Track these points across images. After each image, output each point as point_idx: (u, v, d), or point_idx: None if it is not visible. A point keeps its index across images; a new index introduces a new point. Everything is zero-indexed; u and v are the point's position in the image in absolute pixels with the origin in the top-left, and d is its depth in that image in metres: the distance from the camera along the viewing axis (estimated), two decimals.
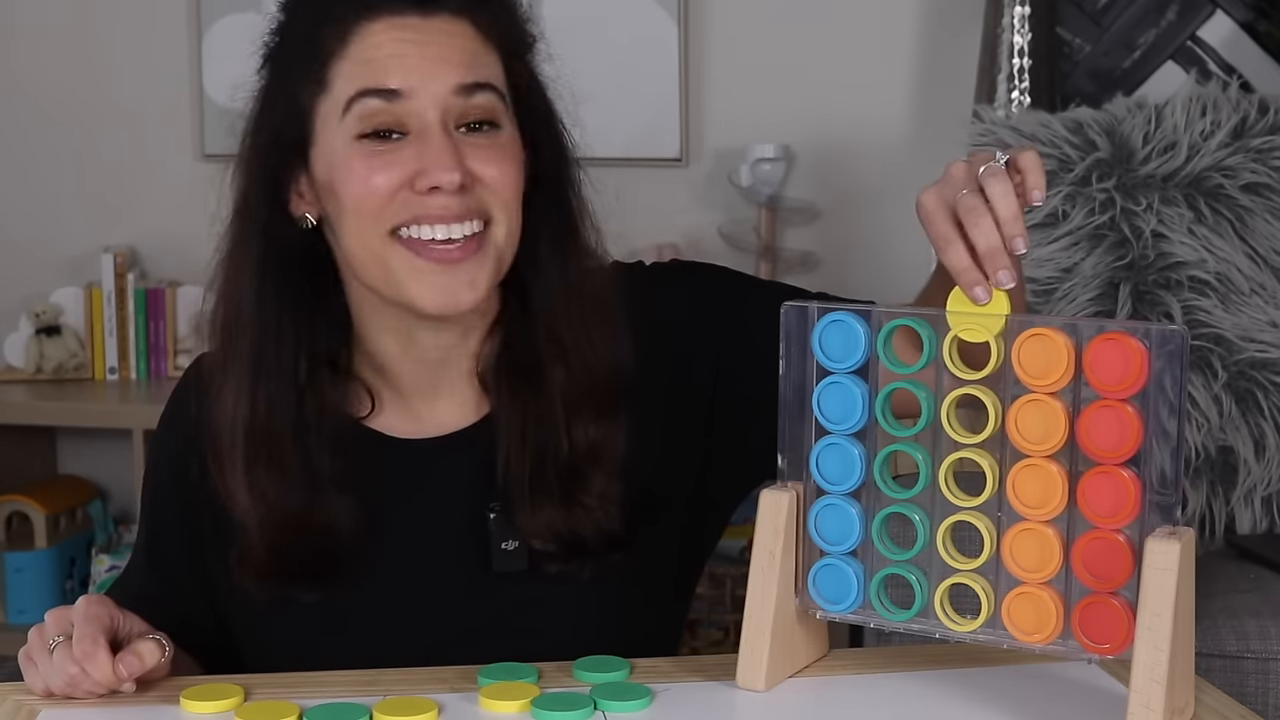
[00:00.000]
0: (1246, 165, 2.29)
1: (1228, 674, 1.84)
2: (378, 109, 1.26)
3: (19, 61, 3.20)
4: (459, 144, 1.27)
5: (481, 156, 1.28)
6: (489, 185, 1.29)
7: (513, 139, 1.32)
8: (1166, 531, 1.10)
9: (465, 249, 1.28)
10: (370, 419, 1.38)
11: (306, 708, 1.18)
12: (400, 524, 1.37)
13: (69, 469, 3.24)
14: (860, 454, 1.20)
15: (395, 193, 1.27)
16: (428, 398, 1.38)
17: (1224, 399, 2.19)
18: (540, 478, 1.33)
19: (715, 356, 1.39)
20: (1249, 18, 2.80)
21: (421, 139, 1.27)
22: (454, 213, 1.27)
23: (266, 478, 1.32)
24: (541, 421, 1.34)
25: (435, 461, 1.38)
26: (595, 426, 1.34)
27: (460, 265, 1.28)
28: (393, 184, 1.27)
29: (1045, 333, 1.12)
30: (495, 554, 1.35)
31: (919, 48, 2.95)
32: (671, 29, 2.99)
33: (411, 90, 1.26)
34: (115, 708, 1.22)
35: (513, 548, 1.34)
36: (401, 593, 1.37)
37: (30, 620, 2.99)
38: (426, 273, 1.28)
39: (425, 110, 1.27)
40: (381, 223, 1.28)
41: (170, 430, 1.44)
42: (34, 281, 3.19)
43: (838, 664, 1.29)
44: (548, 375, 1.34)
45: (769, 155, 2.87)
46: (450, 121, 1.28)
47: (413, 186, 1.27)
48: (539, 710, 1.17)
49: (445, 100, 1.27)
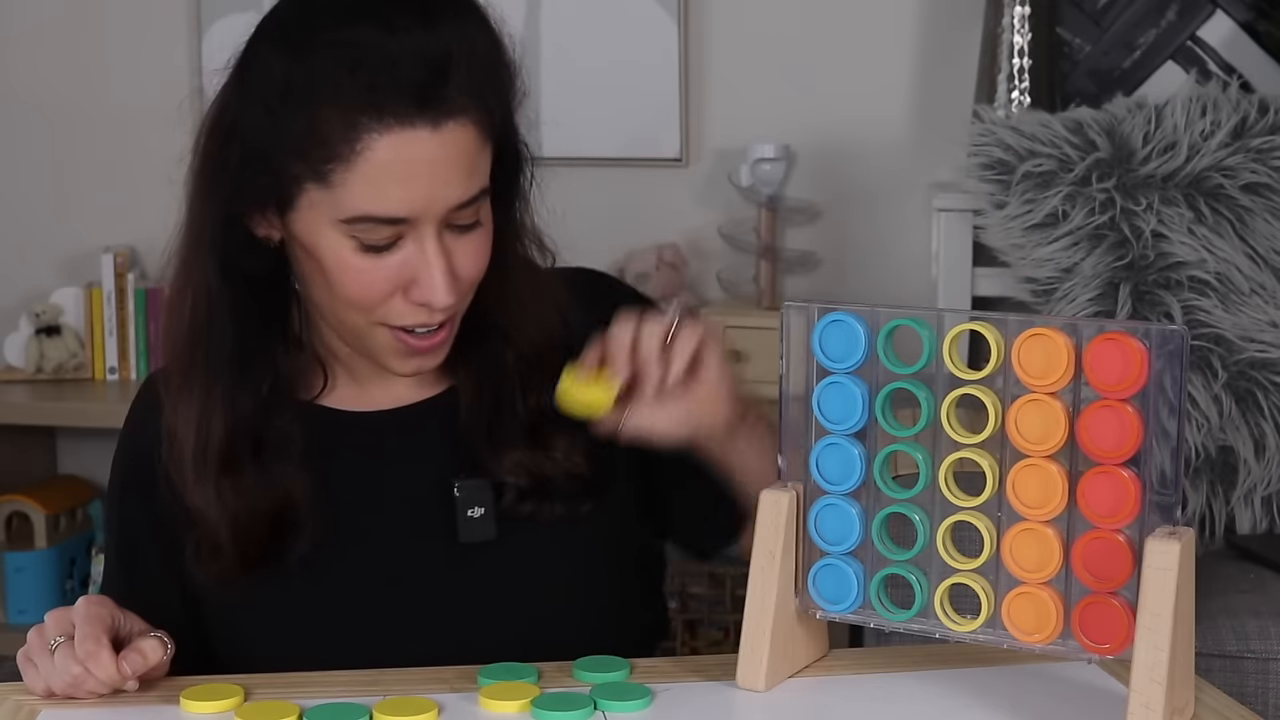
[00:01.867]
0: (1246, 165, 2.28)
1: (1228, 674, 1.84)
2: (379, 230, 1.26)
3: (18, 61, 3.20)
4: (448, 252, 1.29)
5: (464, 258, 1.31)
6: (466, 279, 1.31)
7: (489, 216, 1.33)
8: (1166, 531, 1.10)
9: (440, 336, 1.33)
10: (324, 396, 1.40)
11: (306, 708, 1.18)
12: (363, 498, 1.39)
13: (69, 469, 3.24)
14: (860, 454, 1.20)
15: (389, 298, 1.29)
16: (380, 376, 1.40)
17: (1224, 399, 2.19)
18: (502, 425, 1.37)
19: None
20: (1249, 18, 2.80)
21: (419, 253, 1.27)
22: (440, 319, 1.32)
23: (227, 482, 1.34)
24: (499, 382, 1.38)
25: (395, 434, 1.40)
26: (548, 392, 1.35)
27: (434, 352, 1.34)
28: (389, 291, 1.29)
29: (1045, 333, 1.12)
30: (461, 523, 1.36)
31: (919, 48, 2.95)
32: (671, 29, 2.98)
33: (414, 217, 1.26)
34: (115, 708, 1.22)
35: (479, 515, 1.36)
36: (369, 566, 1.38)
37: (30, 620, 2.99)
38: (405, 353, 1.33)
39: (424, 226, 1.27)
40: (374, 317, 1.31)
41: (133, 442, 1.44)
42: (34, 281, 3.19)
43: (838, 664, 1.29)
44: (499, 350, 1.38)
45: (769, 155, 2.87)
46: (443, 228, 1.29)
47: (406, 294, 1.29)
48: (539, 710, 1.17)
49: (444, 216, 1.28)
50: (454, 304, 1.30)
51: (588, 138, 2.97)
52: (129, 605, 1.37)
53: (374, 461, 1.40)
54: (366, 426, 1.41)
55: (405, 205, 1.25)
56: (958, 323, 1.17)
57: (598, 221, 2.85)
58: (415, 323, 1.31)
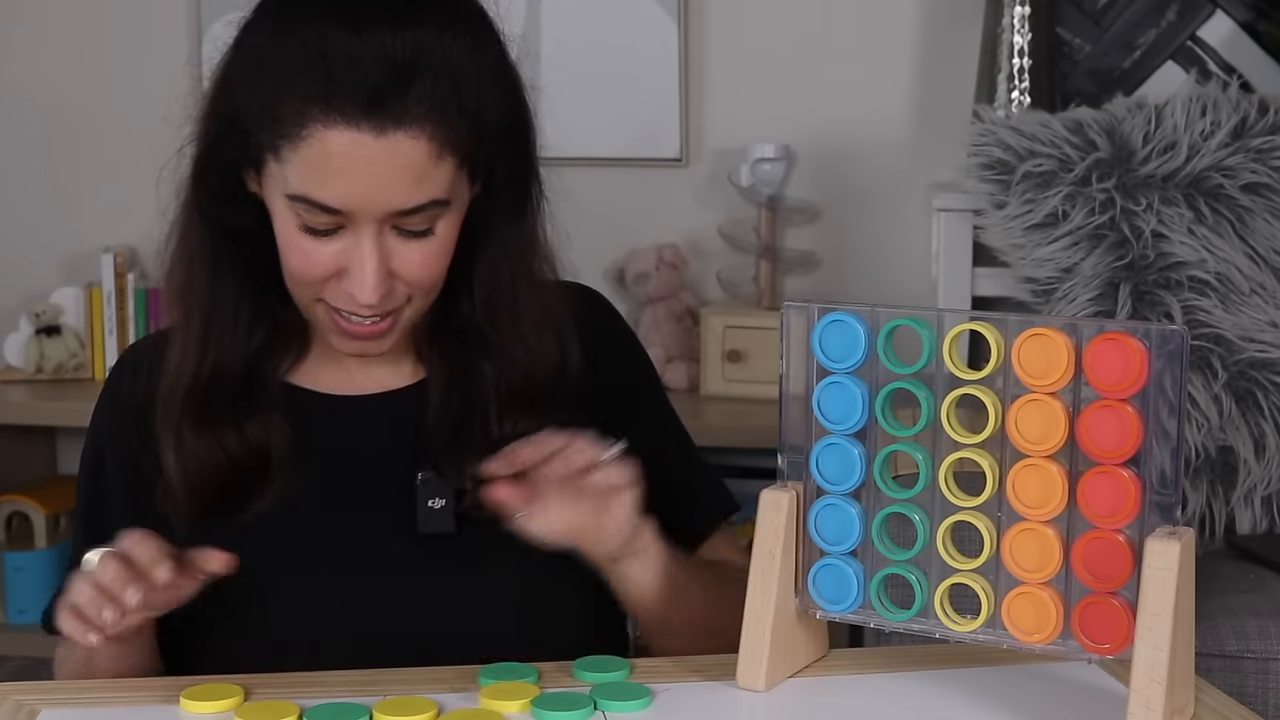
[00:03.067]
0: (1246, 165, 2.28)
1: (1228, 674, 1.84)
2: (317, 215, 1.29)
3: (19, 61, 3.20)
4: (387, 250, 1.31)
5: (408, 263, 1.32)
6: (409, 282, 1.33)
7: (451, 225, 1.34)
8: (1166, 531, 1.10)
9: (379, 327, 1.35)
10: (302, 375, 1.43)
11: (306, 708, 1.18)
12: (327, 476, 1.40)
13: (69, 469, 3.24)
14: (860, 454, 1.20)
15: (325, 280, 1.33)
16: (362, 361, 1.42)
17: (1224, 399, 2.19)
18: (469, 433, 1.38)
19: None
20: (1249, 18, 2.80)
21: (353, 245, 1.30)
22: (370, 312, 1.33)
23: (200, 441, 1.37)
24: (470, 388, 1.40)
25: (365, 419, 1.42)
26: (527, 420, 1.38)
27: (373, 341, 1.36)
28: (325, 274, 1.32)
29: (1045, 333, 1.12)
30: (421, 513, 1.37)
31: (919, 48, 2.95)
32: (671, 29, 2.98)
33: (350, 212, 1.29)
34: (115, 708, 1.22)
35: (439, 506, 1.37)
36: (324, 543, 1.38)
37: (30, 620, 2.99)
38: (344, 335, 1.36)
39: (360, 222, 1.30)
40: (311, 293, 1.35)
41: (109, 404, 1.47)
42: (34, 281, 3.19)
43: (838, 664, 1.29)
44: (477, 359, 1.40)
45: (769, 155, 2.87)
46: (385, 226, 1.30)
47: (340, 279, 1.32)
48: (539, 710, 1.17)
49: (382, 218, 1.30)
50: (380, 303, 1.32)
51: (587, 138, 2.97)
52: None
53: (341, 443, 1.41)
54: (339, 409, 1.42)
55: (340, 198, 1.28)
56: (958, 323, 1.17)
57: (598, 221, 2.85)
58: (348, 309, 1.34)
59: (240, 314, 1.39)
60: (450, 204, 1.32)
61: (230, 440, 1.37)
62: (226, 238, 1.38)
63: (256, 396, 1.39)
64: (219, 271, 1.38)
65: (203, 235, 1.38)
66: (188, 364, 1.38)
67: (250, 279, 1.39)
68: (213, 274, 1.38)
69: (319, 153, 1.26)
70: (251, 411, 1.39)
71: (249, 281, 1.39)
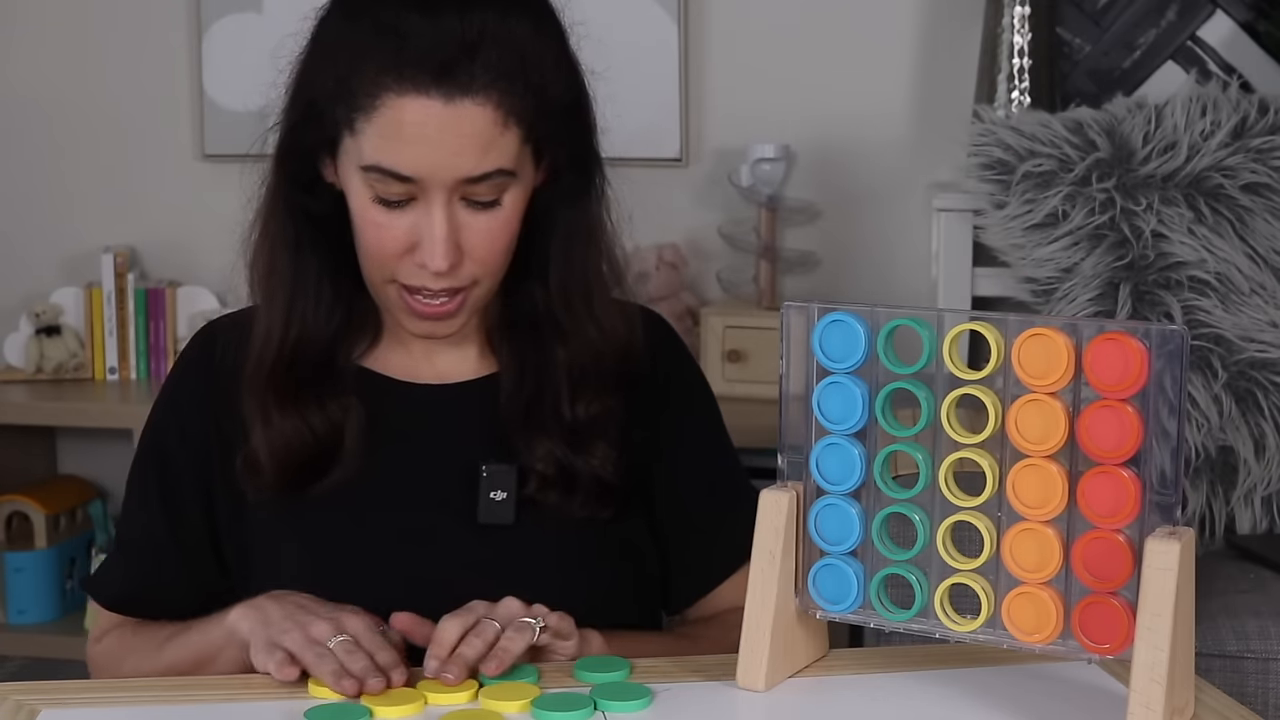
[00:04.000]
0: (1246, 165, 2.28)
1: (1228, 674, 1.84)
2: (389, 184, 1.35)
3: (19, 61, 3.20)
4: (457, 222, 1.36)
5: (476, 234, 1.38)
6: (477, 260, 1.38)
7: (518, 200, 1.39)
8: (1166, 531, 1.10)
9: (448, 305, 1.40)
10: (371, 357, 1.47)
11: (307, 708, 1.18)
12: (394, 462, 1.43)
13: (69, 469, 3.24)
14: (860, 454, 1.20)
15: (398, 256, 1.38)
16: (426, 347, 1.47)
17: (1224, 399, 2.19)
18: (541, 414, 1.43)
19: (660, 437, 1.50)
20: (1249, 18, 2.80)
21: (425, 215, 1.36)
22: (440, 286, 1.39)
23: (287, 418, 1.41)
24: (544, 374, 1.44)
25: (435, 408, 1.46)
26: (597, 402, 1.43)
27: (442, 321, 1.42)
28: (397, 250, 1.38)
29: (1045, 333, 1.12)
30: (483, 503, 1.41)
31: (919, 48, 2.95)
32: (671, 29, 2.98)
33: (421, 179, 1.34)
34: (115, 708, 1.22)
35: (501, 499, 1.41)
36: (390, 527, 1.42)
37: (30, 620, 3.00)
38: (414, 315, 1.41)
39: (431, 191, 1.35)
40: (384, 273, 1.40)
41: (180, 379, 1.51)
42: (34, 281, 3.19)
43: (838, 664, 1.29)
44: (551, 345, 1.44)
45: (769, 155, 2.87)
46: (455, 197, 1.36)
47: (412, 254, 1.37)
48: (539, 710, 1.17)
49: (451, 187, 1.35)
50: (451, 272, 1.37)
51: None
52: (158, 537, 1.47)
53: (409, 431, 1.45)
54: (408, 396, 1.46)
55: (411, 165, 1.33)
56: (958, 323, 1.17)
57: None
58: (420, 284, 1.38)
59: (321, 294, 1.44)
60: (516, 176, 1.37)
61: (315, 418, 1.42)
62: (307, 223, 1.43)
63: (335, 379, 1.44)
64: (301, 254, 1.43)
65: (285, 221, 1.43)
66: (273, 341, 1.42)
67: (330, 262, 1.44)
68: (295, 256, 1.43)
69: (392, 121, 1.33)
70: (332, 392, 1.43)
71: (329, 264, 1.44)
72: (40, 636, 2.97)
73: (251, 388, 1.42)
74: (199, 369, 1.49)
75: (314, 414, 1.42)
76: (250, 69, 3.01)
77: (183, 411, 1.49)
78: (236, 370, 1.44)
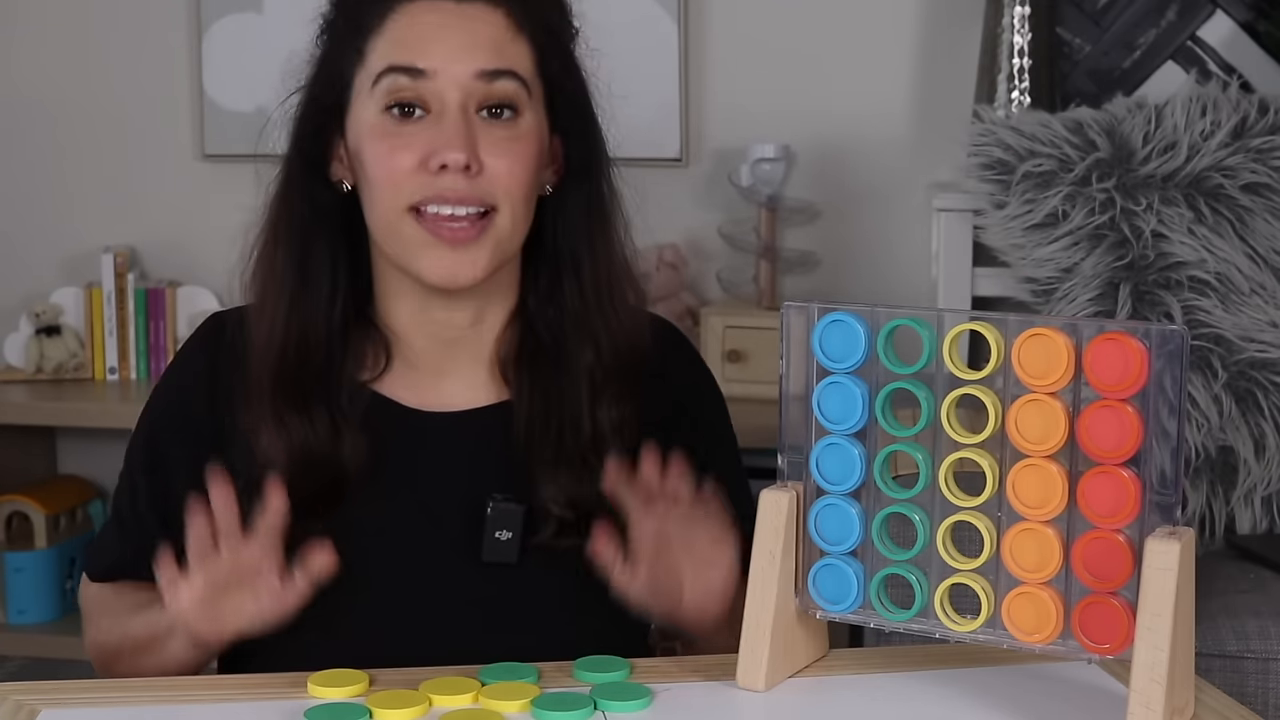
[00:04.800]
0: (1246, 165, 2.28)
1: (1228, 674, 1.84)
2: (403, 85, 1.36)
3: (19, 61, 3.20)
4: (475, 129, 1.36)
5: (494, 145, 1.36)
6: (496, 175, 1.36)
7: (533, 128, 1.39)
8: (1166, 531, 1.10)
9: (469, 231, 1.36)
10: (380, 383, 1.43)
11: (307, 708, 1.18)
12: (399, 490, 1.40)
13: (69, 469, 3.24)
14: (860, 454, 1.20)
15: (413, 172, 1.36)
16: (435, 374, 1.44)
17: (1224, 399, 2.19)
18: (561, 449, 1.40)
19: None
20: (1249, 18, 2.80)
21: (439, 119, 1.36)
22: (459, 194, 1.35)
23: (294, 420, 1.38)
24: (565, 402, 1.41)
25: (441, 436, 1.42)
26: (617, 407, 1.41)
27: (464, 246, 1.36)
28: (411, 163, 1.35)
29: (1045, 333, 1.12)
30: (487, 542, 1.38)
31: (919, 47, 2.95)
32: (671, 29, 2.98)
33: (435, 71, 1.35)
34: (115, 708, 1.22)
35: (505, 538, 1.38)
36: (388, 559, 1.38)
37: (30, 620, 3.00)
38: (433, 247, 1.36)
39: (446, 90, 1.35)
40: (400, 198, 1.36)
41: (181, 371, 1.48)
42: (34, 281, 3.19)
43: (838, 664, 1.29)
44: (573, 358, 1.42)
45: (769, 155, 2.87)
46: (471, 105, 1.36)
47: (426, 166, 1.35)
48: (539, 710, 1.17)
49: (467, 83, 1.35)
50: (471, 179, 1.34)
51: None
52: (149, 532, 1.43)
53: (415, 459, 1.41)
54: (416, 422, 1.43)
55: (425, 56, 1.35)
56: (958, 323, 1.17)
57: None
58: (437, 193, 1.35)
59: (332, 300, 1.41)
60: (529, 94, 1.38)
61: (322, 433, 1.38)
62: (316, 219, 1.41)
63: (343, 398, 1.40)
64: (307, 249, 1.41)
65: (295, 212, 1.42)
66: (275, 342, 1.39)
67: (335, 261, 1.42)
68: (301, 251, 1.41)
69: (403, 25, 1.36)
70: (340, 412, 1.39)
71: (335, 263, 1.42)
72: (40, 636, 2.97)
73: (255, 394, 1.39)
74: (204, 352, 1.46)
75: (321, 428, 1.38)
76: (250, 69, 3.04)
77: (185, 393, 1.46)
78: (243, 360, 1.41)
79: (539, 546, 1.38)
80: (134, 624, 1.40)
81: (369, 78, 1.37)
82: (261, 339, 1.40)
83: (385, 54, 1.36)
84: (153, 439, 1.47)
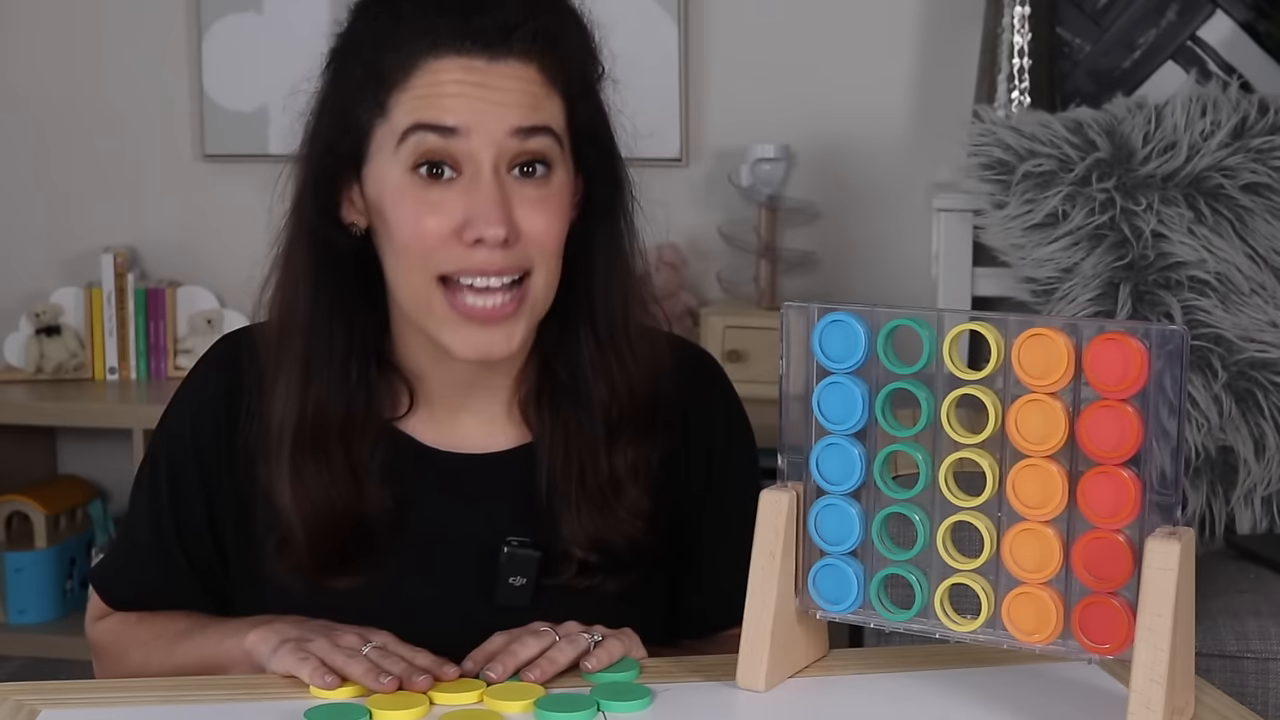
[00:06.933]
0: (1246, 165, 2.28)
1: (1228, 674, 1.84)
2: (433, 143, 1.28)
3: (18, 61, 3.20)
4: (508, 192, 1.29)
5: (529, 207, 1.29)
6: (533, 238, 1.30)
7: (563, 183, 1.33)
8: (1166, 531, 1.10)
9: (506, 308, 1.30)
10: (403, 421, 1.39)
11: (307, 708, 1.18)
12: (416, 530, 1.38)
13: (69, 469, 3.24)
14: (860, 454, 1.20)
15: (445, 240, 1.28)
16: (454, 411, 1.40)
17: (1224, 399, 2.19)
18: (583, 488, 1.36)
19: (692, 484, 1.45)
20: (1249, 18, 2.80)
21: (473, 184, 1.28)
22: (496, 267, 1.29)
23: (314, 476, 1.34)
24: (585, 442, 1.37)
25: (463, 477, 1.39)
26: (633, 447, 1.37)
27: (498, 325, 1.30)
28: (443, 231, 1.28)
29: (1045, 333, 1.12)
30: (500, 586, 1.36)
31: (919, 47, 2.95)
32: (671, 29, 2.99)
33: (467, 129, 1.27)
34: (115, 708, 1.22)
35: (519, 584, 1.36)
36: (399, 600, 1.36)
37: (30, 620, 3.00)
38: (464, 326, 1.30)
39: (479, 151, 1.28)
40: (430, 267, 1.29)
41: (199, 387, 1.43)
42: (34, 281, 3.19)
43: (838, 664, 1.29)
44: (592, 397, 1.37)
45: (769, 155, 2.87)
46: (503, 165, 1.29)
47: (460, 236, 1.28)
48: (541, 711, 1.17)
49: (500, 142, 1.28)
50: (507, 249, 1.28)
51: None
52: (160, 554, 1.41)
53: (434, 500, 1.39)
54: (437, 463, 1.39)
55: (456, 114, 1.27)
56: (958, 323, 1.17)
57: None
58: (474, 267, 1.28)
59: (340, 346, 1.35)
60: (561, 150, 1.31)
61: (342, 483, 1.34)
62: (330, 262, 1.34)
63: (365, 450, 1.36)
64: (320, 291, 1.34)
65: (308, 258, 1.34)
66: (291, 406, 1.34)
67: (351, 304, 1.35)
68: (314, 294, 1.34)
69: (431, 81, 1.27)
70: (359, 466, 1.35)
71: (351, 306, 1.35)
72: (40, 636, 2.98)
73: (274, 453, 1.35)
74: (221, 375, 1.42)
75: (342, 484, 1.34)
76: (250, 69, 3.04)
77: (198, 419, 1.41)
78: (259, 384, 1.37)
79: (554, 587, 1.36)
80: (182, 654, 1.38)
81: (393, 133, 1.29)
82: (278, 408, 1.35)
83: (412, 110, 1.28)
84: (174, 471, 1.42)
